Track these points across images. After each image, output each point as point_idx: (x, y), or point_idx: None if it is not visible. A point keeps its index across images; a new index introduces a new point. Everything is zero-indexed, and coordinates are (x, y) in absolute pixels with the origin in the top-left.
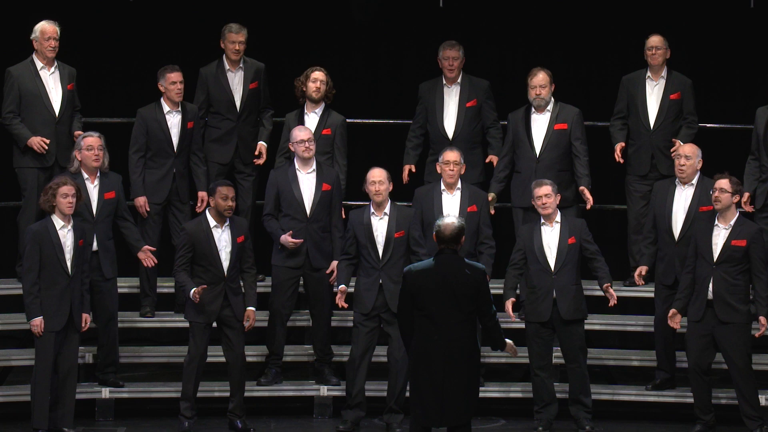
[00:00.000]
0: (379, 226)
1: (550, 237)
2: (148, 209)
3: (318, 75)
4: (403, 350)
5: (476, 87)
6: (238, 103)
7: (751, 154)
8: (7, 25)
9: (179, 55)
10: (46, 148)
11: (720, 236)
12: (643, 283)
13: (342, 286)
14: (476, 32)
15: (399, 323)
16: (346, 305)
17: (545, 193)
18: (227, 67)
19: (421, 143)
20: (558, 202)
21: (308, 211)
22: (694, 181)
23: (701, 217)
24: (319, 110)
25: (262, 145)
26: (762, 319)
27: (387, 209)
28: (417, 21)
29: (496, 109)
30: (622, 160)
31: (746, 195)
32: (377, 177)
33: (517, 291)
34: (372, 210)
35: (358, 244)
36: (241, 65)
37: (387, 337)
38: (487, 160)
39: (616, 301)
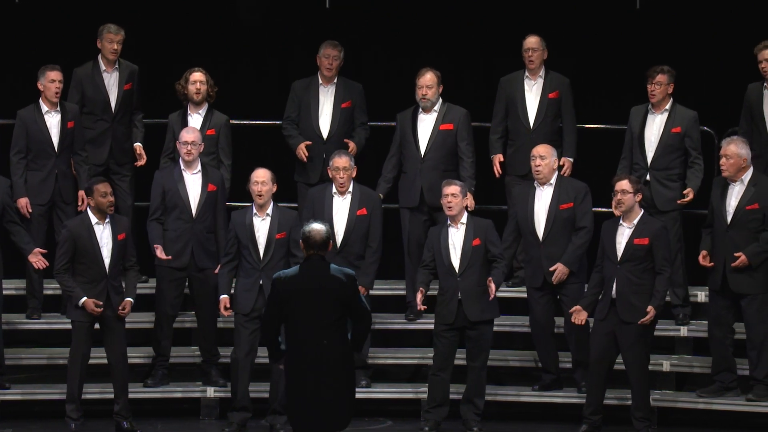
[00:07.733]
0: (261, 227)
1: (455, 238)
2: (30, 210)
3: (197, 76)
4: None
5: (351, 89)
6: (113, 104)
7: (623, 155)
8: None
9: (59, 55)
10: None
11: (624, 235)
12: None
13: (224, 296)
14: (363, 33)
15: (263, 330)
16: (231, 311)
17: (452, 193)
18: (103, 67)
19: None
20: (464, 204)
21: (194, 211)
22: (553, 181)
23: (609, 220)
24: (202, 111)
25: (138, 146)
26: (649, 308)
27: (269, 210)
28: (304, 22)
29: (379, 110)
30: (500, 173)
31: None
32: (261, 177)
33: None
34: (254, 211)
35: (239, 244)
36: (116, 66)
37: None
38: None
39: (493, 296)
